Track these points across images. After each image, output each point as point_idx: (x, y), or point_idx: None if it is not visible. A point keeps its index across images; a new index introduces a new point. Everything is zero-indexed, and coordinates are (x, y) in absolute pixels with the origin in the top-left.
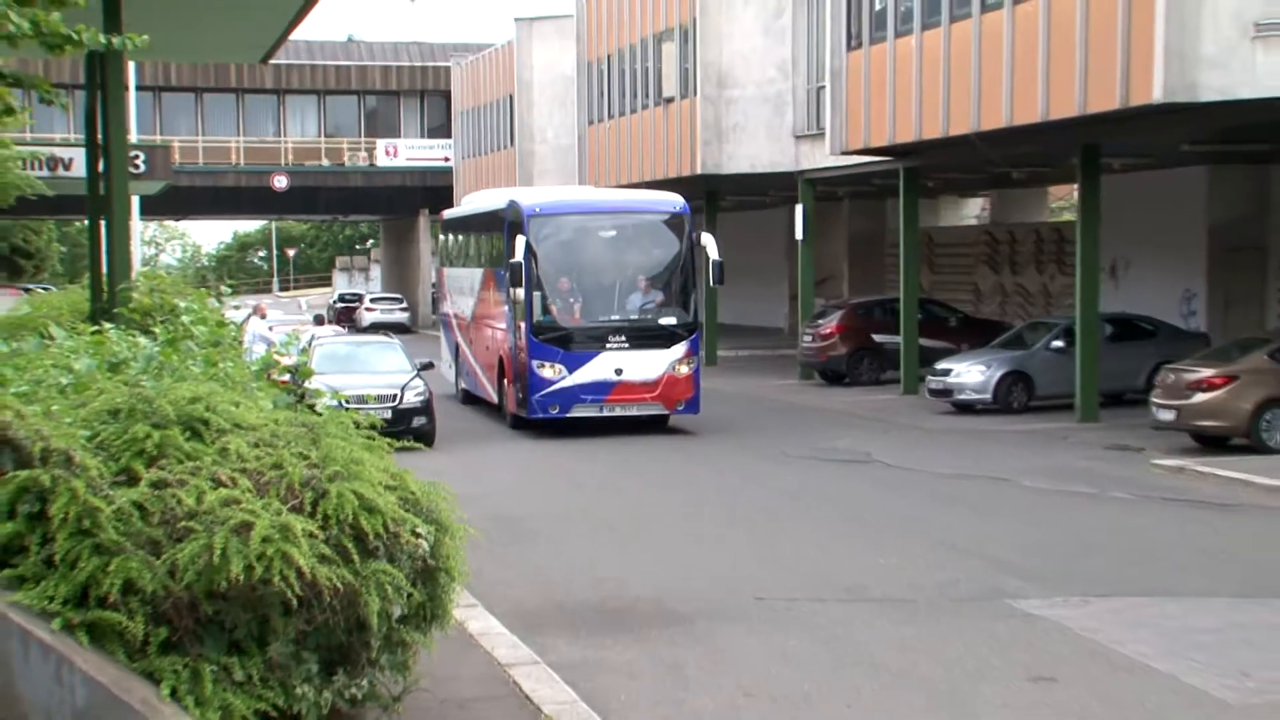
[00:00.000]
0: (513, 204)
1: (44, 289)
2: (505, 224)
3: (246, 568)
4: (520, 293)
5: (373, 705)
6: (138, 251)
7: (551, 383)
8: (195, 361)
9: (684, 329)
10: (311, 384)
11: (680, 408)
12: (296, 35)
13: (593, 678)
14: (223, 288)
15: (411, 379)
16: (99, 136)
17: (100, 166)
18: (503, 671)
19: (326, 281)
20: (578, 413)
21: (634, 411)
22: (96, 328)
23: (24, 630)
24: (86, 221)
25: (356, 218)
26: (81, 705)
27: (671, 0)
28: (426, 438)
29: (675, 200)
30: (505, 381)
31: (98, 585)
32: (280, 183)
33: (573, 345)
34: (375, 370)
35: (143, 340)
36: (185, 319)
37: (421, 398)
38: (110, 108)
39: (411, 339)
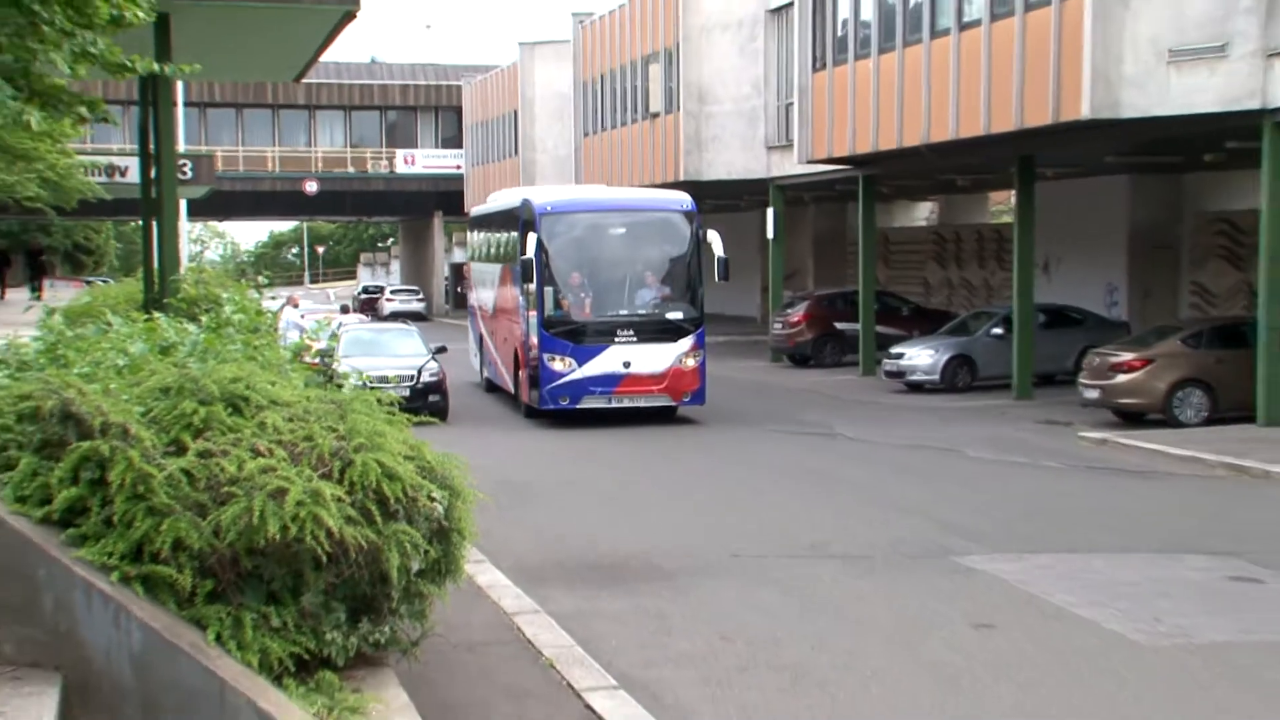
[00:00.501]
0: (526, 202)
1: (103, 282)
2: (520, 221)
3: (282, 528)
4: (532, 288)
5: (393, 649)
6: (185, 249)
7: (562, 375)
8: (236, 346)
9: (690, 323)
10: (339, 365)
11: (686, 399)
12: (325, 57)
13: (587, 625)
14: (260, 280)
15: (427, 361)
16: (151, 147)
17: (152, 173)
18: (508, 619)
19: (352, 275)
20: (587, 404)
21: (641, 403)
22: (149, 316)
23: (87, 582)
24: (140, 222)
25: (378, 219)
26: (137, 648)
27: (657, 26)
28: (441, 413)
29: (683, 199)
30: (520, 372)
31: (151, 543)
32: (311, 188)
33: (582, 339)
34: (395, 354)
35: (190, 327)
36: (227, 308)
37: (436, 377)
38: (161, 122)
39: (427, 326)
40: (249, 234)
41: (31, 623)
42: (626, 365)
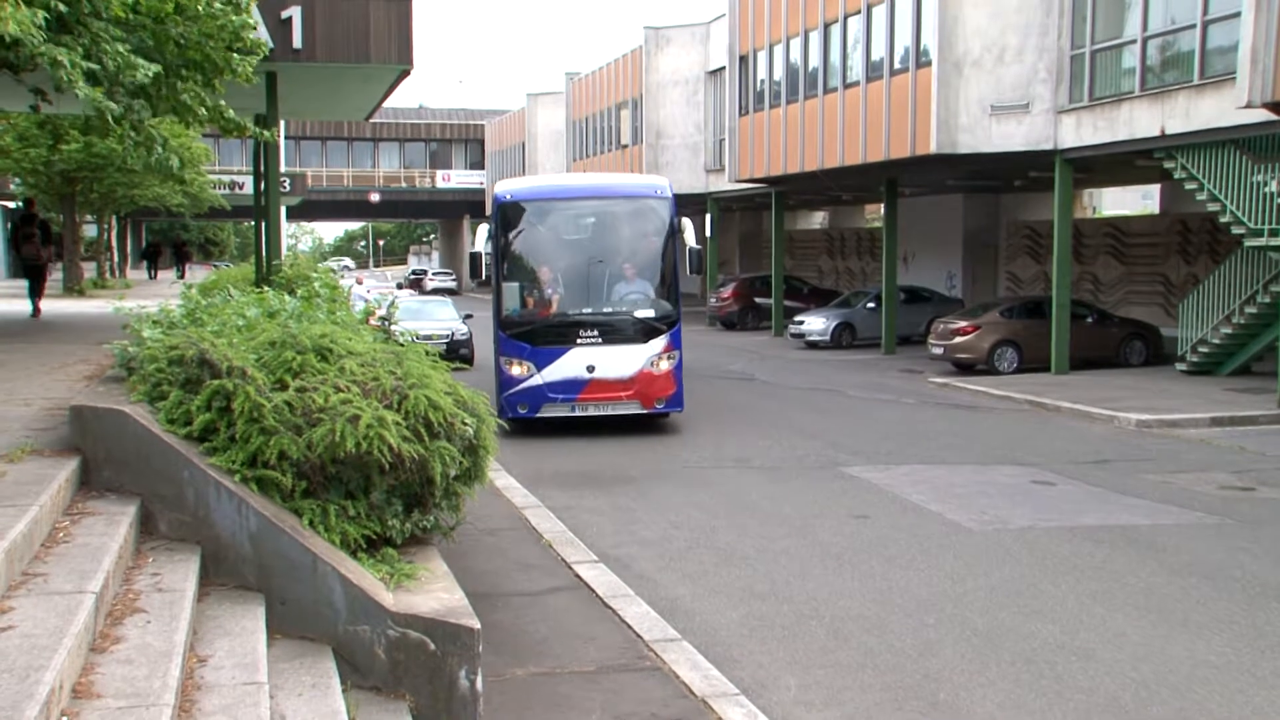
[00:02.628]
0: (494, 192)
1: (226, 265)
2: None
3: (356, 444)
4: (491, 285)
5: (436, 532)
6: (284, 242)
7: (519, 380)
8: (322, 311)
9: (662, 321)
10: (395, 326)
11: (660, 405)
12: (386, 103)
13: (575, 516)
14: (333, 265)
15: (458, 324)
16: (262, 167)
17: (261, 187)
18: (518, 512)
19: (404, 261)
20: (547, 413)
21: (608, 411)
22: (260, 290)
23: (217, 481)
24: (253, 222)
25: (423, 220)
26: (253, 529)
27: (627, 82)
28: (468, 361)
29: (657, 182)
30: None
31: (262, 454)
32: (374, 198)
33: (541, 341)
34: (435, 318)
35: (288, 298)
36: (315, 285)
37: (465, 335)
38: (268, 150)
39: (458, 299)
40: (330, 231)
41: (179, 509)
42: (590, 369)
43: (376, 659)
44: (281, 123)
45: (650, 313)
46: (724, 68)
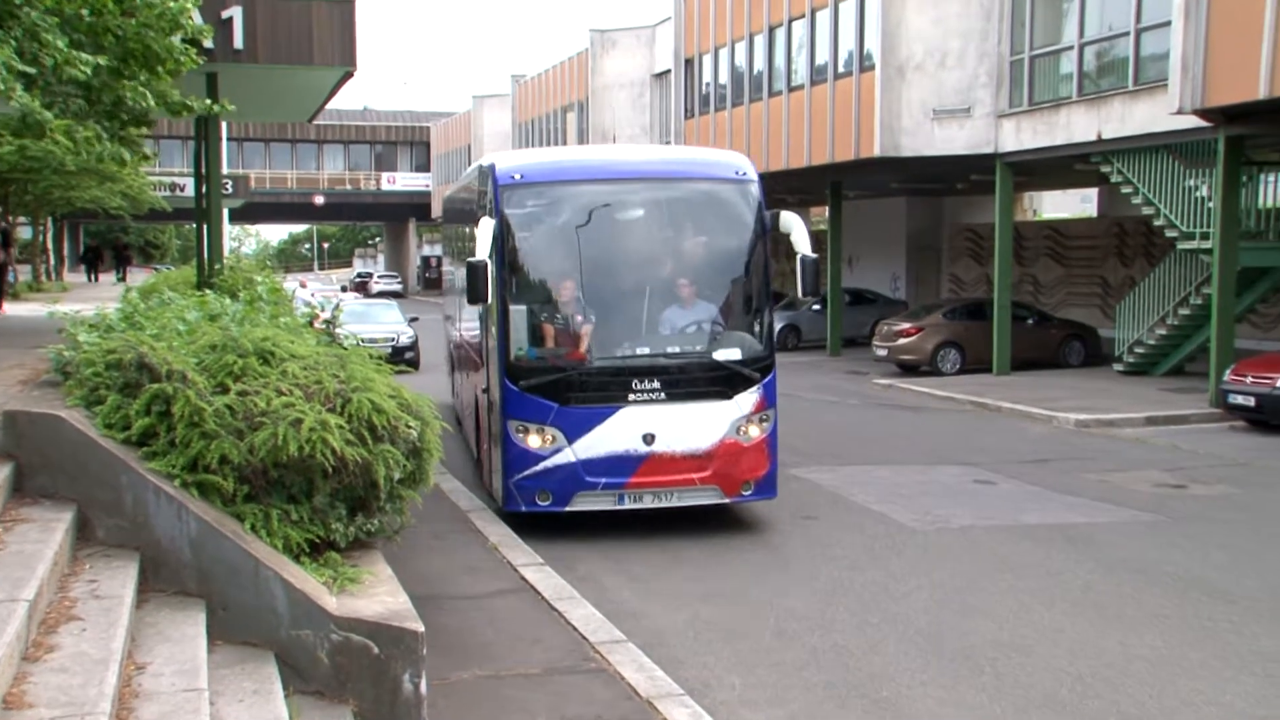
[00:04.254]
0: (486, 169)
1: (167, 268)
2: (477, 199)
3: (299, 447)
4: (492, 311)
5: (381, 536)
6: (226, 245)
7: (540, 457)
8: (265, 315)
9: (754, 366)
10: (339, 330)
11: (747, 492)
12: (330, 104)
13: (520, 518)
14: (268, 265)
15: (403, 327)
16: (203, 169)
17: (203, 189)
18: (463, 515)
19: (349, 264)
20: (583, 505)
21: (674, 502)
22: (201, 293)
23: (156, 486)
24: (194, 224)
25: (368, 223)
26: (194, 534)
27: (572, 85)
28: (414, 365)
29: (735, 161)
30: (481, 433)
31: (203, 458)
32: (319, 200)
33: (573, 397)
34: (380, 321)
35: (230, 301)
36: (259, 289)
37: (410, 339)
38: (210, 151)
39: (404, 302)
40: (274, 234)
41: (118, 515)
42: (649, 440)
43: (320, 663)
44: (223, 124)
45: (735, 353)
46: (670, 71)
